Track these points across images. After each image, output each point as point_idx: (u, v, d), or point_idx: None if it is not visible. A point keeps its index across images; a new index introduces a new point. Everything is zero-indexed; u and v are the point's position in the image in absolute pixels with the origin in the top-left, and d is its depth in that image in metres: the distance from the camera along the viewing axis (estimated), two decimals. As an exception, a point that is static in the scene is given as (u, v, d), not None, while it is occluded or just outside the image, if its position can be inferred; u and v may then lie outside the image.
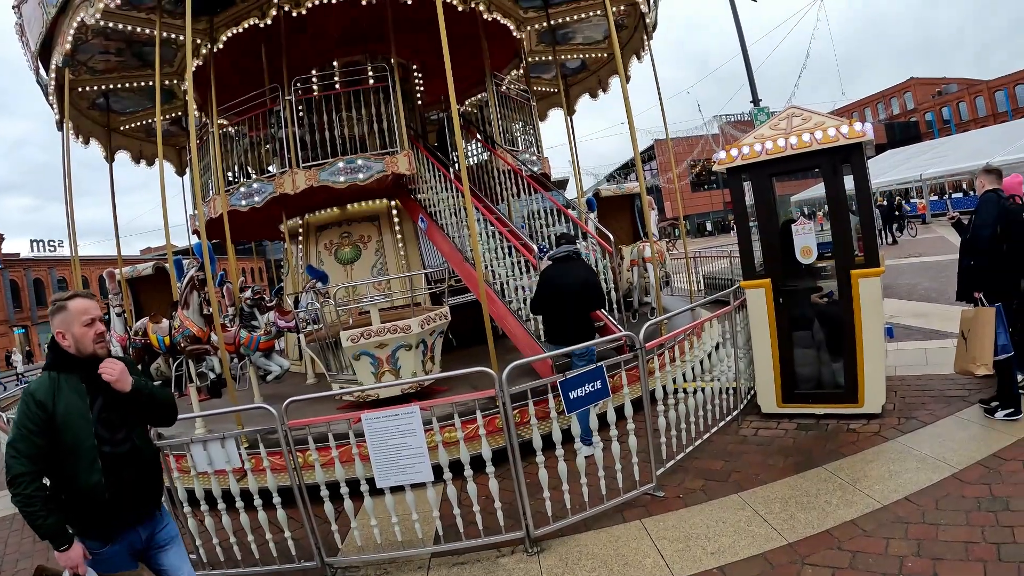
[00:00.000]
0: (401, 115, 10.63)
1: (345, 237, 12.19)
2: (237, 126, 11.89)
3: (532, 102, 14.29)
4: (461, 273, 9.71)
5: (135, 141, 15.64)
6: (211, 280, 8.59)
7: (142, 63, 12.36)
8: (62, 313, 3.24)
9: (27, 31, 11.26)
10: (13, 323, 58.41)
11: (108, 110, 14.11)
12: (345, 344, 7.93)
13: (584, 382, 5.26)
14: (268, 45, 11.27)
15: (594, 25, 14.02)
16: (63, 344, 3.24)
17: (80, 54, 11.00)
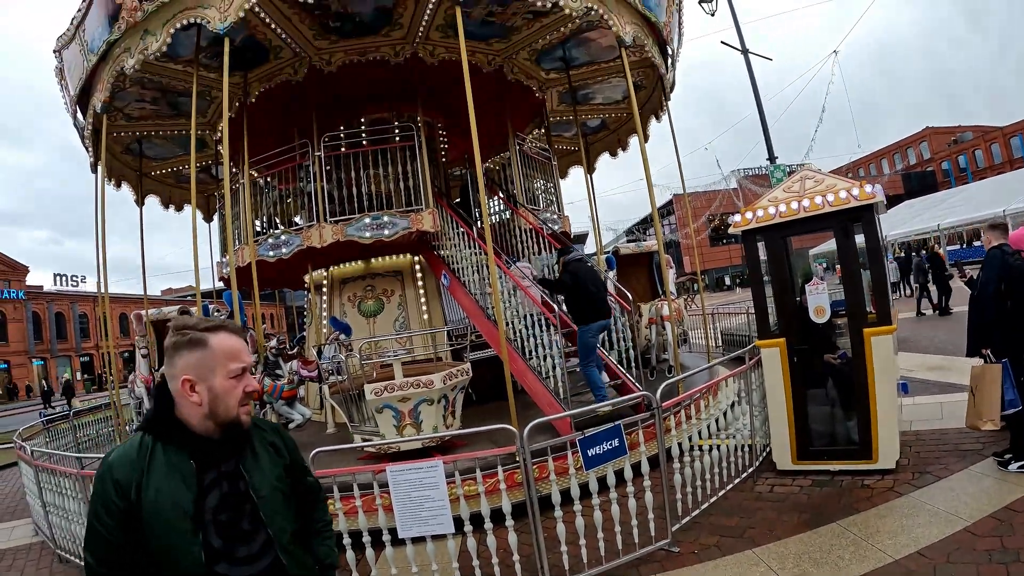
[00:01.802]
0: (427, 173, 10.98)
1: (369, 291, 12.43)
2: (267, 178, 12.28)
3: (553, 161, 14.62)
4: (482, 329, 9.89)
5: (165, 186, 16.18)
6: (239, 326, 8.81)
7: (175, 112, 12.87)
8: (198, 351, 2.06)
9: (67, 75, 11.72)
10: (32, 355, 59.05)
11: (141, 155, 14.58)
12: (369, 397, 8.10)
13: (602, 440, 5.44)
14: (299, 100, 11.74)
15: (613, 86, 14.41)
16: (189, 399, 2.05)
17: (117, 101, 11.43)
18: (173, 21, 8.84)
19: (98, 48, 10.05)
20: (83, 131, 12.37)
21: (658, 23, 11.19)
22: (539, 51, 12.48)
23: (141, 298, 15.85)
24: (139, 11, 9.01)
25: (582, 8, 9.21)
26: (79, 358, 65.61)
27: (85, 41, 10.34)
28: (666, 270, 11.87)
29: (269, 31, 10.20)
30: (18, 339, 58.62)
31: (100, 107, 10.56)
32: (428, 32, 10.85)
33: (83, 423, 15.89)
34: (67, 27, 10.77)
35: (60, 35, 11.16)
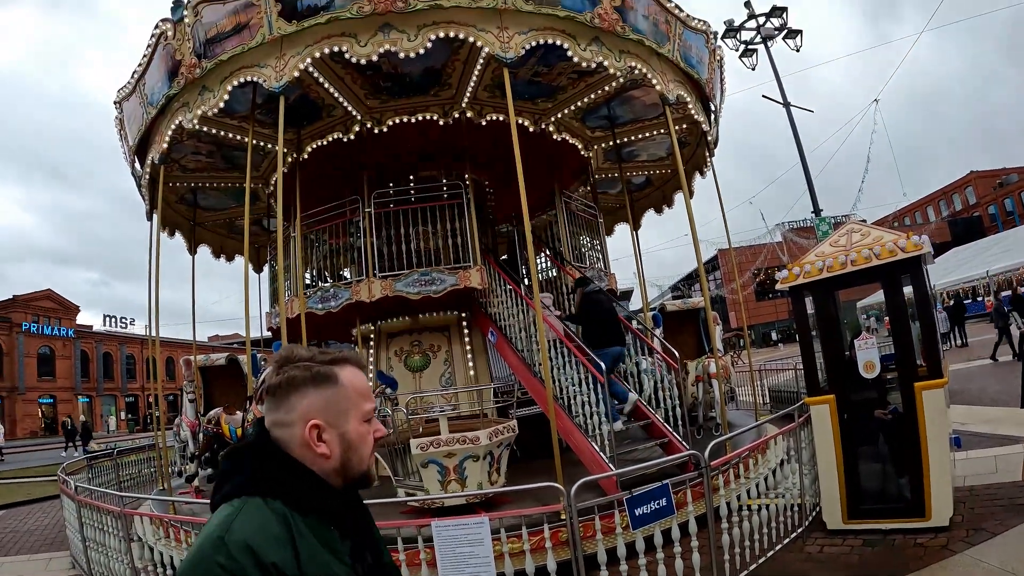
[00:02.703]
0: (475, 231, 11.20)
1: (415, 345, 12.56)
2: (317, 232, 12.62)
3: (599, 218, 14.78)
4: (528, 386, 9.94)
5: (217, 237, 16.75)
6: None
7: (230, 165, 13.39)
8: (328, 389, 1.66)
9: (126, 126, 12.22)
10: (79, 392, 60.47)
11: (195, 206, 15.11)
12: (414, 451, 8.19)
13: (650, 499, 5.46)
14: (350, 157, 12.13)
15: (658, 143, 14.62)
16: (315, 450, 1.62)
17: (174, 152, 11.88)
18: (230, 79, 9.32)
19: (157, 102, 10.55)
20: (140, 180, 12.87)
21: (700, 80, 11.42)
22: (584, 110, 12.77)
23: (188, 343, 16.28)
24: (198, 68, 9.51)
25: (625, 67, 9.51)
26: (124, 398, 67.09)
27: (145, 94, 10.86)
28: (713, 327, 11.90)
29: (322, 90, 10.64)
30: (65, 376, 60.17)
31: (158, 158, 11.02)
32: (476, 92, 11.22)
33: (126, 462, 16.22)
34: (128, 80, 11.31)
35: (121, 87, 11.72)
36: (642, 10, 9.64)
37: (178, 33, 9.55)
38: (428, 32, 8.56)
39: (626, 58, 9.50)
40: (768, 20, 24.23)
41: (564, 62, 10.10)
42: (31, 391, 57.39)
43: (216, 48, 9.21)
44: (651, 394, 9.84)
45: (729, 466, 6.78)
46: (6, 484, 21.38)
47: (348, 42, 8.65)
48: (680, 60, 10.61)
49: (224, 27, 9.05)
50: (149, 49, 10.29)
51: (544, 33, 8.86)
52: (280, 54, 8.87)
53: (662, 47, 10.14)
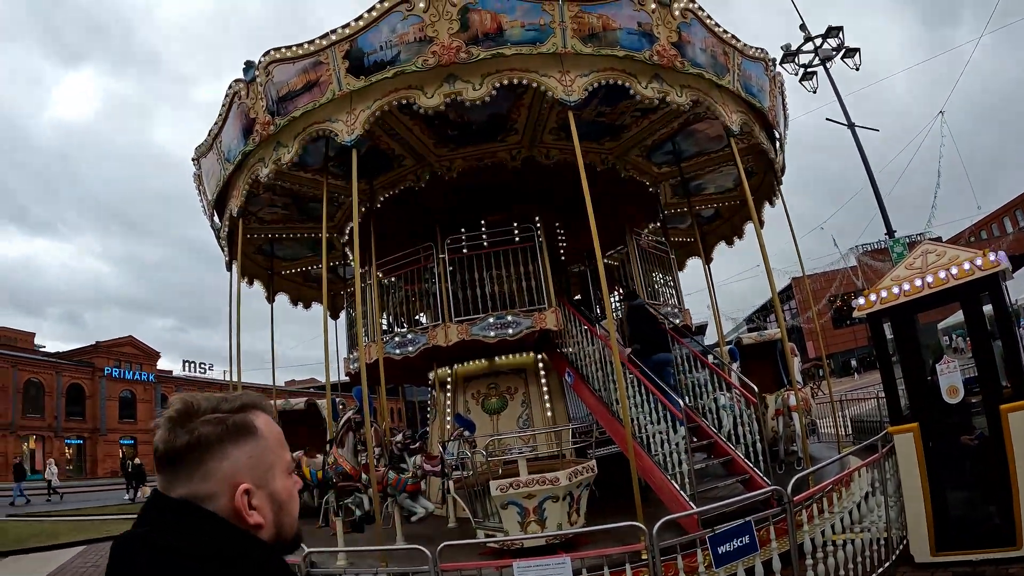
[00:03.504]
0: (548, 273, 11.42)
1: (492, 388, 12.72)
2: (392, 279, 13.01)
3: (671, 254, 14.85)
4: (606, 426, 10.01)
5: (294, 285, 17.35)
6: (368, 423, 9.25)
7: (305, 216, 13.94)
8: (249, 442, 1.41)
9: (204, 181, 12.88)
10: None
11: (272, 255, 15.69)
12: (494, 493, 8.30)
13: (732, 536, 5.48)
14: (422, 204, 12.53)
15: (725, 174, 14.65)
16: (248, 520, 1.35)
17: (251, 205, 12.39)
18: (303, 134, 9.82)
19: (234, 158, 11.13)
20: (219, 232, 13.47)
21: (763, 108, 11.49)
22: (649, 147, 12.95)
23: (267, 388, 16.74)
24: (272, 125, 10.01)
25: (687, 102, 9.65)
26: (202, 441, 68.72)
27: (222, 151, 11.44)
28: (791, 358, 11.76)
29: (392, 141, 11.15)
30: (146, 418, 61.84)
31: (236, 211, 11.58)
32: (542, 135, 11.56)
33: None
34: (205, 138, 11.96)
35: (198, 145, 12.38)
36: (699, 43, 9.78)
37: (251, 92, 10.09)
38: (492, 80, 8.88)
39: (687, 92, 9.64)
40: (825, 41, 24.00)
41: (627, 100, 10.25)
42: (112, 432, 59.05)
43: (288, 105, 9.69)
44: (731, 430, 9.76)
45: (812, 501, 6.70)
46: (88, 520, 21.98)
47: (415, 94, 9.02)
48: (741, 90, 10.70)
49: (295, 85, 9.53)
50: (224, 108, 10.87)
51: (605, 74, 9.10)
52: (350, 109, 9.30)
53: (722, 79, 10.25)
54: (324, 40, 9.14)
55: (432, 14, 8.62)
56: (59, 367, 56.54)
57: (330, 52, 9.11)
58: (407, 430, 11.96)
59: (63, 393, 55.41)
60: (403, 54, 8.85)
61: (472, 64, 8.79)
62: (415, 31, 8.75)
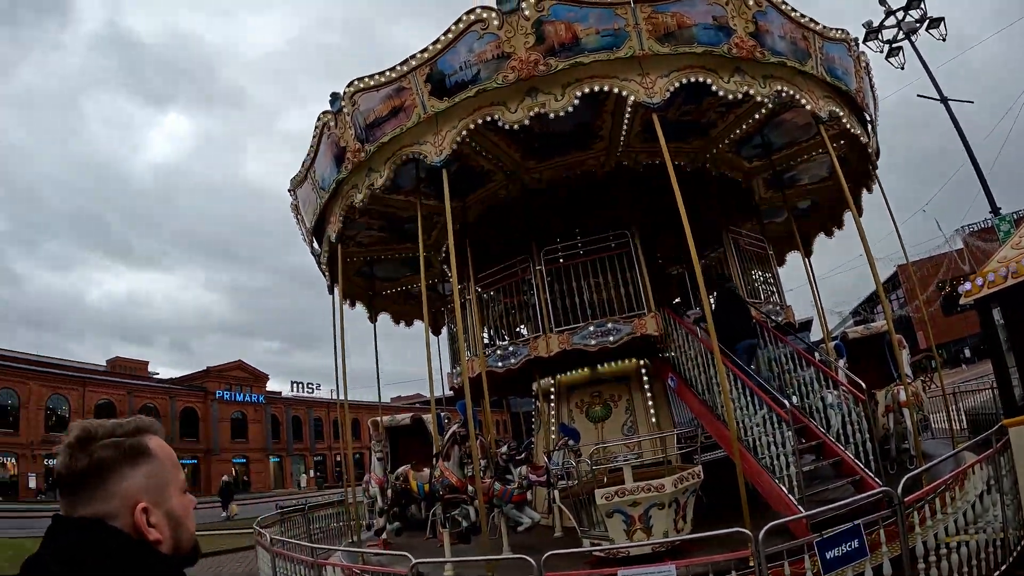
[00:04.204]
0: (645, 277, 11.45)
1: (596, 396, 12.80)
2: (491, 292, 13.28)
3: (769, 250, 14.61)
4: (711, 430, 9.98)
5: (395, 304, 17.98)
6: (473, 435, 9.50)
7: (401, 237, 14.42)
8: (144, 462, 1.53)
9: (302, 210, 13.48)
10: (270, 452, 65.82)
11: (372, 277, 16.33)
12: (599, 501, 8.36)
13: (841, 541, 5.43)
14: (515, 217, 12.76)
15: (818, 163, 14.31)
16: (150, 538, 1.47)
17: (348, 230, 12.86)
18: (393, 159, 10.21)
19: (329, 186, 11.63)
20: (319, 258, 14.03)
21: (850, 91, 11.25)
22: (737, 142, 12.84)
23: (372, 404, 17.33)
24: (362, 152, 10.43)
25: (771, 92, 9.57)
26: (313, 457, 71.49)
27: (316, 180, 11.95)
28: (899, 351, 11.43)
29: (481, 157, 11.41)
30: (257, 438, 65.23)
31: (334, 237, 12.07)
32: (628, 140, 11.61)
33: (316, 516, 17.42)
34: (299, 169, 12.52)
35: (293, 176, 12.96)
36: (777, 31, 9.68)
37: (339, 122, 10.55)
38: (573, 90, 9.04)
39: (770, 83, 9.58)
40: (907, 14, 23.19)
41: (710, 97, 10.21)
42: (225, 452, 62.60)
43: (376, 132, 10.10)
44: (839, 429, 9.56)
45: (925, 501, 6.55)
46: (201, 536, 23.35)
47: (499, 110, 9.27)
48: (825, 74, 10.51)
49: (381, 112, 9.92)
50: (315, 139, 11.39)
51: (685, 72, 9.13)
52: (437, 130, 9.63)
53: (805, 64, 10.10)
54: (404, 66, 9.49)
55: (507, 30, 8.84)
56: (173, 392, 60.95)
57: (411, 77, 9.45)
58: (512, 441, 12.15)
59: (177, 416, 59.26)
60: (483, 72, 9.10)
61: (552, 76, 8.97)
62: (492, 48, 9.00)
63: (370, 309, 17.19)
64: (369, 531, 14.50)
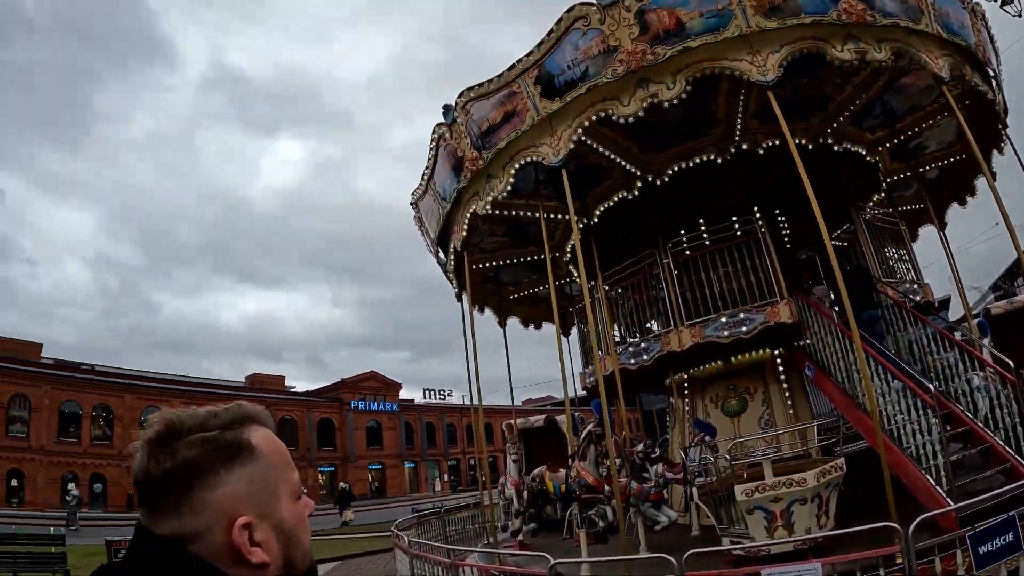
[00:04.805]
0: (775, 264, 11.27)
1: (731, 390, 12.69)
2: (619, 290, 13.39)
3: (900, 225, 14.10)
4: (852, 420, 9.73)
5: (523, 308, 18.27)
6: (609, 434, 9.57)
7: (524, 241, 14.61)
8: (246, 463, 1.21)
9: (425, 222, 13.94)
10: (404, 458, 68.46)
11: (498, 282, 16.73)
12: (739, 498, 8.30)
13: (994, 535, 5.22)
14: (638, 212, 12.76)
15: (944, 128, 13.48)
16: (253, 561, 1.15)
17: (473, 238, 13.14)
18: (511, 163, 10.46)
19: (450, 196, 12.01)
20: (445, 267, 14.48)
21: (969, 46, 10.74)
22: (858, 113, 12.33)
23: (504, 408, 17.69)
24: (480, 160, 10.73)
25: (888, 56, 9.25)
26: (447, 462, 73.29)
27: (437, 192, 12.34)
28: (1048, 324, 10.80)
29: (598, 154, 11.43)
30: (392, 445, 67.75)
31: (459, 245, 12.46)
32: (746, 122, 11.43)
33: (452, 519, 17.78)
34: (419, 183, 12.97)
35: (414, 190, 13.45)
36: (885, -9, 9.32)
37: (454, 133, 10.88)
38: (684, 76, 9.06)
39: (885, 46, 9.24)
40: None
41: (825, 68, 9.98)
42: (361, 459, 65.57)
43: (492, 138, 10.37)
44: (987, 414, 9.02)
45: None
46: (340, 539, 25.34)
47: (612, 105, 9.39)
48: (941, 31, 10.04)
49: (494, 119, 10.18)
50: (432, 151, 11.78)
51: (796, 45, 8.98)
52: (552, 131, 9.82)
53: (918, 23, 9.68)
54: (513, 71, 9.74)
55: (610, 24, 8.95)
56: (309, 404, 64.56)
57: (520, 81, 9.67)
58: (647, 439, 12.14)
59: (314, 427, 62.82)
60: (591, 68, 9.22)
61: (661, 64, 9.01)
62: (598, 44, 9.11)
63: (499, 314, 17.58)
64: (505, 532, 14.79)
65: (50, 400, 46.42)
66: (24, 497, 42.93)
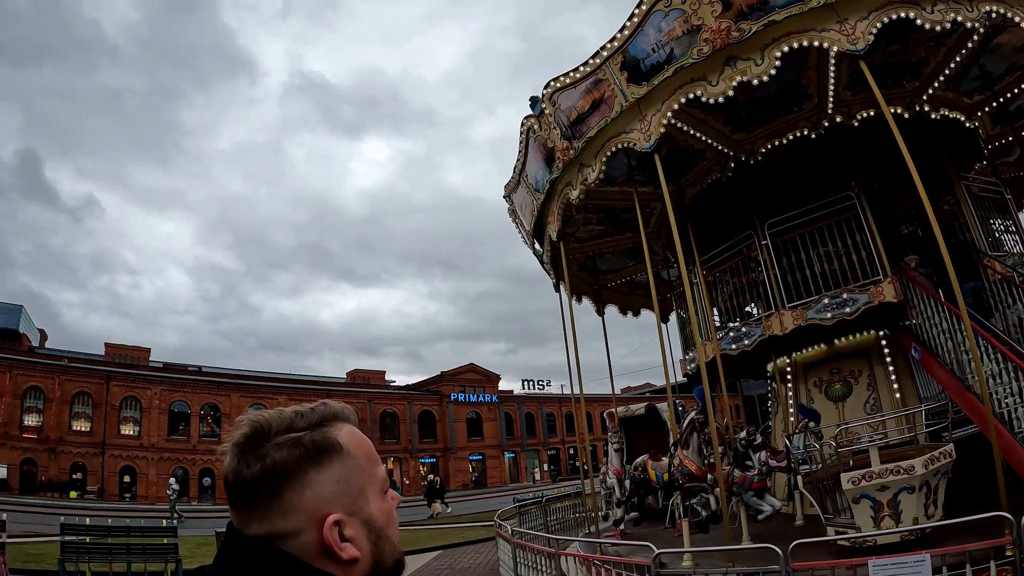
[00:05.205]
0: (877, 240, 11.00)
1: (834, 373, 12.44)
2: (717, 274, 13.27)
3: (1006, 194, 13.48)
4: (962, 404, 9.32)
5: (620, 295, 18.38)
6: (712, 422, 9.53)
7: (620, 228, 14.68)
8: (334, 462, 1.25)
9: (520, 214, 14.06)
10: (504, 448, 70.35)
11: (595, 271, 16.81)
12: (846, 486, 8.11)
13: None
14: (733, 194, 12.62)
15: (1048, 84, 12.84)
16: (344, 557, 1.19)
17: (568, 227, 13.25)
18: (603, 151, 10.46)
19: (542, 187, 12.10)
20: (542, 258, 14.65)
21: None
22: (953, 77, 11.73)
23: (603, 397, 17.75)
24: (571, 149, 10.78)
25: (980, 15, 8.86)
26: (546, 451, 73.90)
27: (530, 183, 12.44)
28: None
29: (689, 137, 11.34)
30: (492, 436, 68.96)
31: (555, 236, 12.56)
32: (838, 94, 11.04)
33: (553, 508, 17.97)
34: (511, 176, 13.11)
35: (506, 183, 13.62)
36: (973, -56, 8.89)
37: (543, 124, 10.97)
38: (772, 51, 8.88)
39: (978, 5, 8.85)
40: None
41: (916, 32, 9.55)
42: (461, 450, 67.40)
43: (582, 127, 10.43)
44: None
45: None
46: (441, 529, 26.22)
47: (700, 86, 9.29)
48: (1034, -17, 9.52)
49: (582, 107, 10.23)
50: (522, 144, 11.89)
51: (884, 11, 8.67)
52: (641, 116, 9.81)
53: (1009, -23, 9.23)
54: (597, 58, 9.75)
55: (692, 3, 8.87)
56: (410, 397, 66.77)
57: (606, 68, 9.68)
58: (750, 427, 12.00)
59: (415, 419, 64.97)
60: (676, 50, 9.17)
61: (747, 41, 8.88)
62: (680, 24, 9.04)
63: (596, 302, 17.65)
64: (606, 522, 14.84)
65: (160, 401, 50.48)
66: (136, 492, 46.82)
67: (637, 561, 7.94)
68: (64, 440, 45.58)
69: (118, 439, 47.78)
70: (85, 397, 47.47)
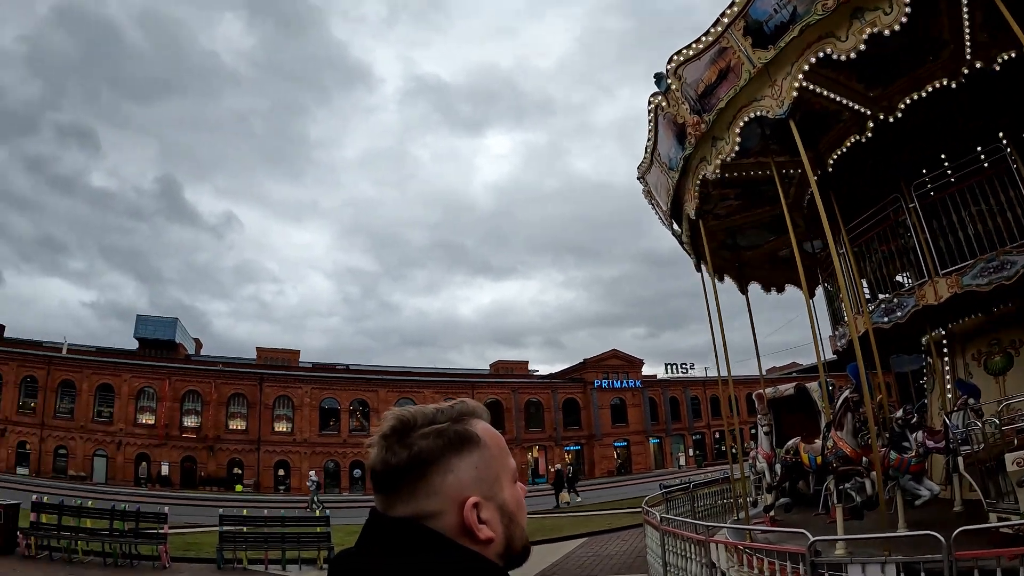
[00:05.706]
0: (1032, 196, 10.21)
1: (993, 345, 11.78)
2: (863, 243, 12.69)
3: None
4: None
5: (762, 272, 17.94)
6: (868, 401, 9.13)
7: (757, 201, 14.26)
8: (473, 452, 1.40)
9: (655, 194, 13.91)
10: (649, 434, 70.99)
11: (735, 248, 16.49)
12: (1009, 468, 7.67)
13: None
14: (874, 156, 12.10)
15: None
16: (481, 536, 1.33)
17: (706, 204, 13.04)
18: (735, 122, 10.18)
19: (677, 165, 11.94)
20: (680, 238, 14.49)
21: None
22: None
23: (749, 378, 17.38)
24: (702, 123, 10.57)
25: None
26: (691, 436, 73.56)
27: (663, 162, 12.30)
28: None
29: (823, 99, 10.86)
30: (636, 421, 69.38)
31: (693, 213, 12.42)
32: (974, 36, 10.26)
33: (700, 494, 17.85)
34: (643, 156, 12.99)
35: (639, 164, 13.51)
36: None
37: (670, 100, 10.81)
38: (901, -4, 8.31)
39: None
40: None
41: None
42: (606, 436, 68.19)
43: (711, 99, 10.19)
44: None
45: None
46: (585, 516, 26.83)
47: (829, 43, 8.86)
48: None
49: (709, 78, 10.00)
50: (651, 123, 11.78)
51: (1023, -67, 7.96)
52: (771, 82, 9.48)
53: None
54: (718, 26, 9.49)
55: (808, -46, 8.42)
56: (554, 386, 68.77)
57: (729, 35, 9.41)
58: (906, 405, 11.40)
59: (559, 407, 66.43)
60: (799, 7, 8.80)
61: (873, -12, 8.37)
62: (800, -22, 8.62)
63: (739, 280, 17.28)
64: (755, 508, 14.54)
65: (311, 399, 55.32)
66: (290, 485, 51.74)
67: (791, 549, 7.74)
68: (221, 438, 51.09)
69: (272, 436, 53.06)
70: (240, 398, 53.31)
